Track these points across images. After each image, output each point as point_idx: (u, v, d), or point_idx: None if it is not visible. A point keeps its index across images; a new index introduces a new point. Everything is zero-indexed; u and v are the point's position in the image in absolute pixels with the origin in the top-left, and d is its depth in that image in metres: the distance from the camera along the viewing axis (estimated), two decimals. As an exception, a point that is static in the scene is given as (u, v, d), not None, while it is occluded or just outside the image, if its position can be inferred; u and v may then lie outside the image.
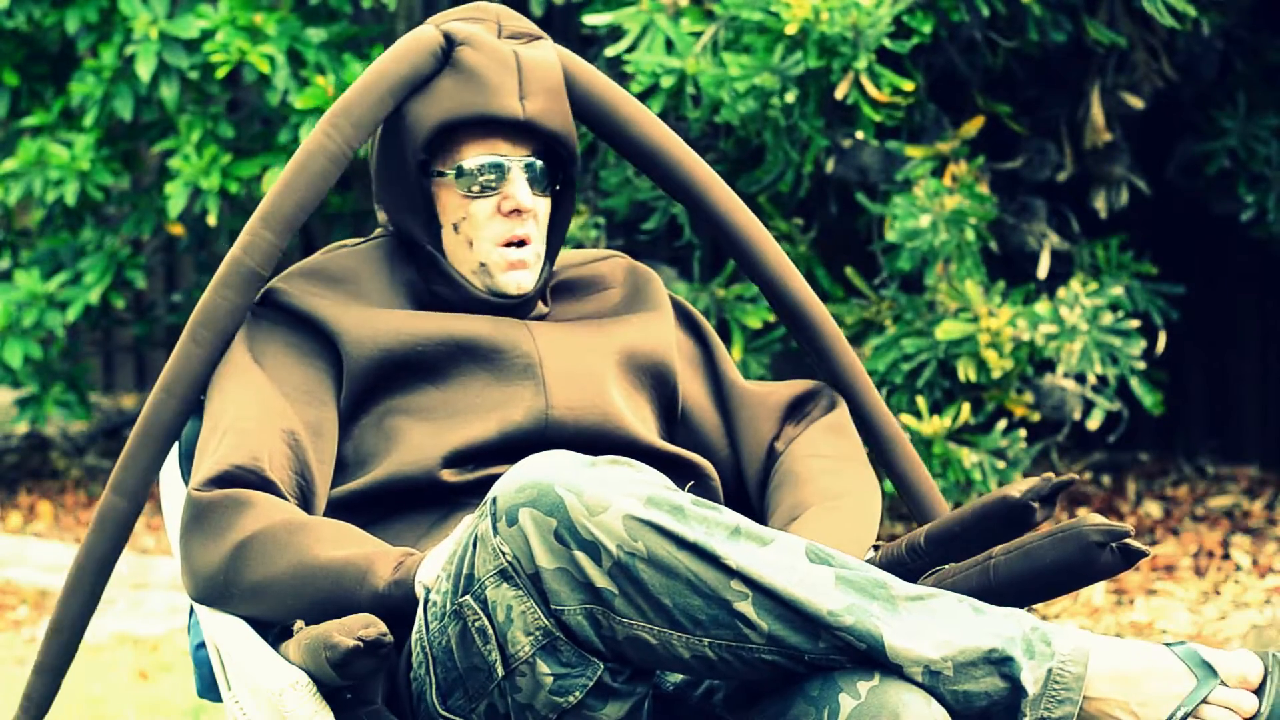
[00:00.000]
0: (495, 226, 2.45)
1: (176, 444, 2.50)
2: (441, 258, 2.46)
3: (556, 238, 2.52)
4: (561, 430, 2.41)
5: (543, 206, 2.47)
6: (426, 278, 2.47)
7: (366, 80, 2.44)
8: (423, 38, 2.45)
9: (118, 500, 2.43)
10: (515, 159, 2.44)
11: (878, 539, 2.48)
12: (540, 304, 2.52)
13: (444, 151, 2.45)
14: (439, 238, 2.46)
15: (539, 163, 2.46)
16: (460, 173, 2.44)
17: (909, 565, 2.33)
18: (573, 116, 2.50)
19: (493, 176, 2.43)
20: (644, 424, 2.48)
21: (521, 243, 2.45)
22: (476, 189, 2.44)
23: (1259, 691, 2.10)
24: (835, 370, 2.63)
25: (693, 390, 2.57)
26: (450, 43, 2.44)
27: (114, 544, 2.45)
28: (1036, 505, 2.28)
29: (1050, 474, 2.32)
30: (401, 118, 2.44)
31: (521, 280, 2.46)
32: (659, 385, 2.53)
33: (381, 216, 2.53)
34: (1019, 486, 2.28)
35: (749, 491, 2.54)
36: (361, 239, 2.54)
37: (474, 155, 2.44)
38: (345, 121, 2.43)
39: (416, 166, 2.44)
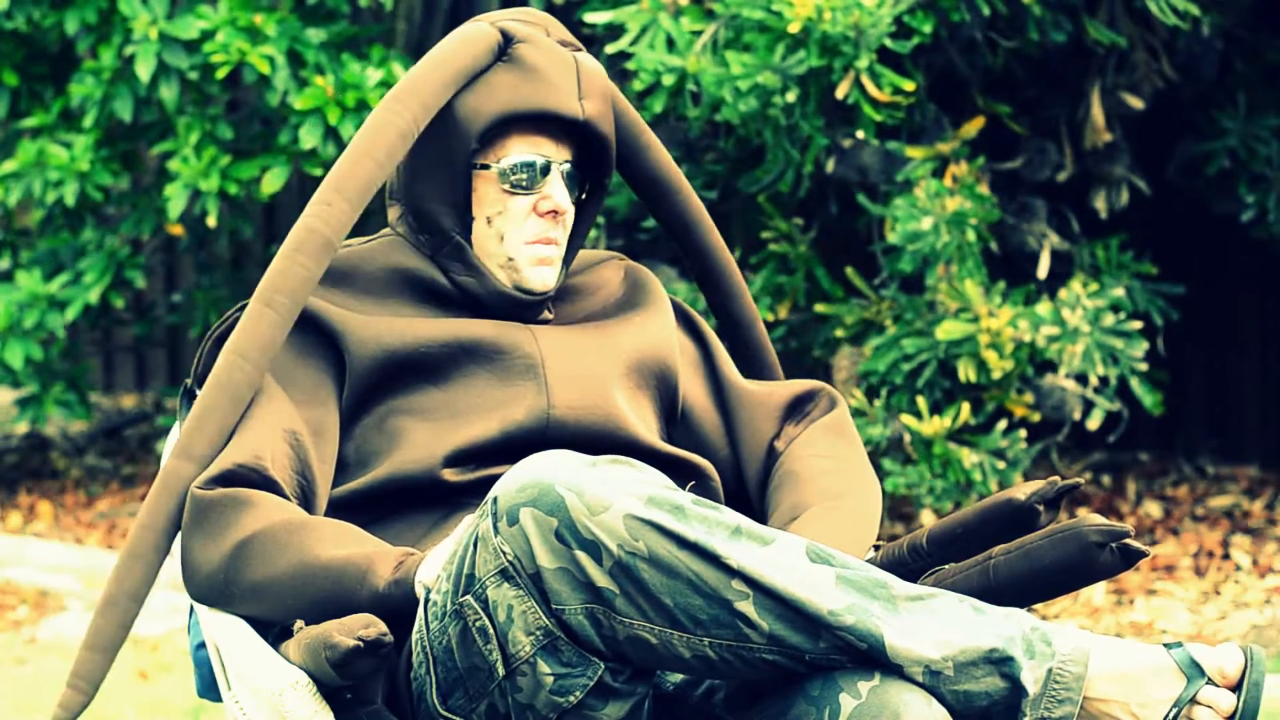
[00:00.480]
0: (531, 224, 2.46)
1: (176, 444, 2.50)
2: (469, 248, 2.47)
3: (575, 243, 2.53)
4: (563, 430, 2.41)
5: (572, 211, 2.49)
6: (447, 269, 2.47)
7: (429, 65, 2.43)
8: (482, 31, 2.45)
9: (185, 465, 2.32)
10: (558, 160, 2.46)
11: (878, 539, 2.48)
12: (546, 310, 2.52)
13: (489, 145, 2.46)
14: (469, 229, 2.47)
15: (575, 168, 2.48)
16: (506, 167, 2.44)
17: (910, 565, 2.33)
18: None
19: (536, 175, 2.45)
20: (645, 425, 2.48)
21: (551, 243, 2.47)
22: (520, 185, 2.45)
23: (1238, 687, 2.10)
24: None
25: (693, 390, 2.57)
26: (508, 39, 2.45)
27: (178, 510, 2.32)
28: (1041, 508, 2.28)
29: (1055, 477, 2.31)
30: (450, 108, 2.44)
31: (546, 277, 2.48)
32: (660, 386, 2.53)
33: (392, 214, 2.53)
34: (1024, 489, 2.28)
35: (749, 491, 2.54)
36: (365, 238, 2.54)
37: (520, 152, 2.45)
38: (414, 100, 2.41)
39: (467, 156, 2.44)
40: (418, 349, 2.41)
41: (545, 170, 2.45)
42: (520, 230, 2.46)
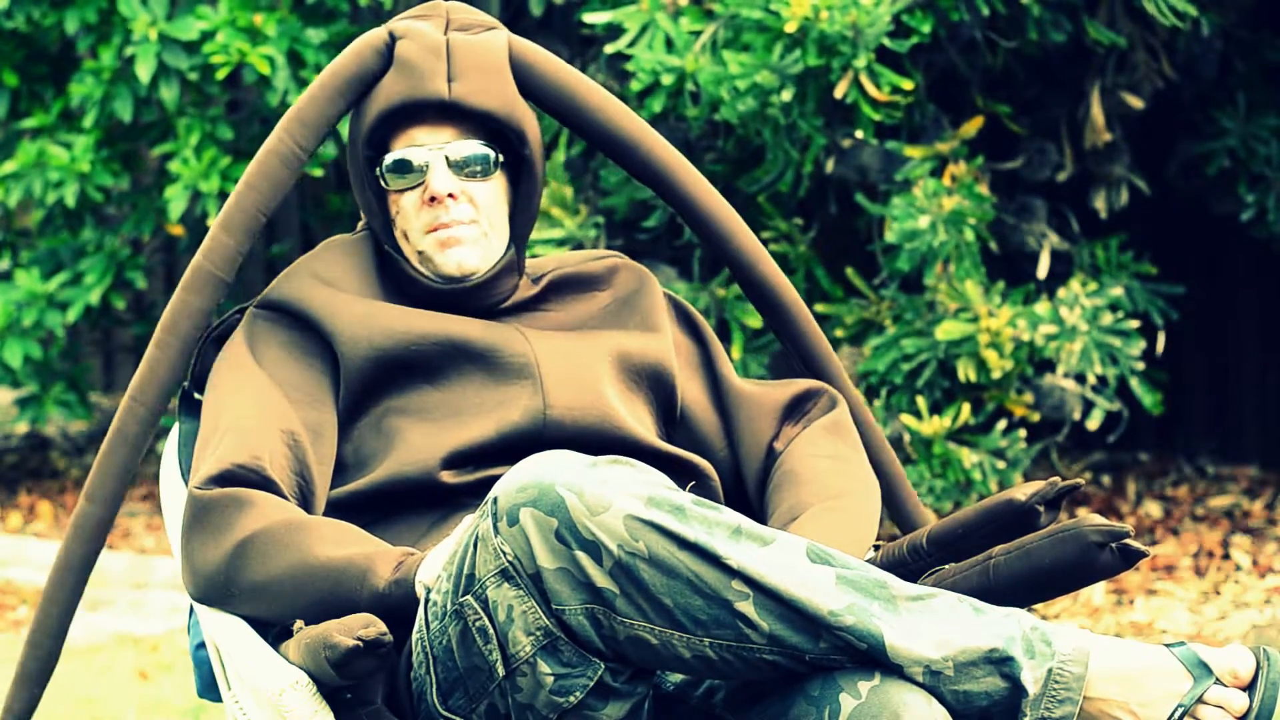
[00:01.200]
0: (422, 216, 2.46)
1: (176, 443, 2.51)
2: (398, 255, 2.47)
3: (521, 219, 2.51)
4: (560, 430, 2.41)
5: (481, 189, 2.46)
6: (394, 276, 2.48)
7: (317, 83, 2.47)
8: (370, 37, 2.47)
9: (91, 507, 2.46)
10: (435, 146, 2.44)
11: (878, 539, 2.48)
12: (524, 287, 2.51)
13: (382, 151, 2.47)
14: (393, 235, 2.48)
15: (472, 146, 2.45)
16: (387, 168, 2.45)
17: (910, 565, 2.33)
18: (534, 103, 2.50)
19: (412, 169, 2.44)
20: (641, 424, 2.47)
21: (450, 224, 2.45)
22: (404, 182, 2.45)
23: (1251, 687, 2.10)
24: (808, 356, 2.64)
25: (691, 390, 2.57)
26: (393, 39, 2.45)
27: (90, 550, 2.47)
28: (1041, 509, 2.28)
29: (1056, 478, 2.31)
30: (355, 119, 2.47)
31: (462, 259, 2.46)
32: (656, 386, 2.52)
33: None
34: (1024, 490, 2.28)
35: (748, 491, 2.54)
36: (350, 234, 2.55)
37: (397, 149, 2.45)
38: (296, 123, 2.46)
39: (364, 165, 2.46)
40: (409, 347, 2.41)
41: (420, 160, 2.44)
42: (416, 224, 2.46)
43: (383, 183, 2.46)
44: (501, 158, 2.48)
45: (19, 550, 5.37)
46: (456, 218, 2.44)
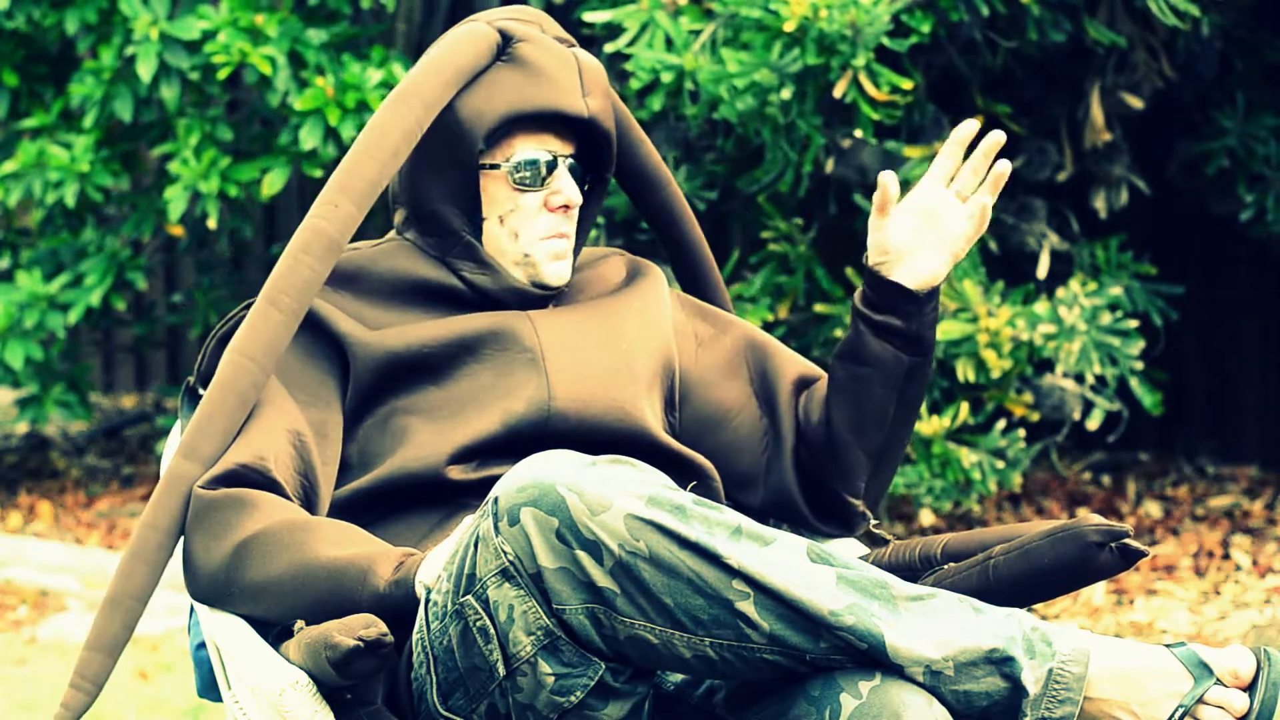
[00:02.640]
0: (543, 220, 2.47)
1: (177, 444, 2.50)
2: (480, 247, 2.47)
3: (581, 237, 2.55)
4: (564, 422, 2.41)
5: (579, 203, 2.50)
6: (458, 269, 2.48)
7: (430, 65, 2.43)
8: (480, 31, 2.46)
9: (189, 465, 2.31)
10: (564, 155, 2.47)
11: (890, 536, 2.49)
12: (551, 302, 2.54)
13: (495, 144, 2.46)
14: (479, 229, 2.47)
15: (577, 163, 2.50)
16: (515, 166, 2.45)
17: (919, 571, 2.34)
18: None
19: (543, 172, 2.46)
20: (647, 414, 2.48)
21: (564, 236, 2.48)
22: (526, 182, 2.45)
23: (1251, 687, 2.10)
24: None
25: (706, 359, 2.57)
26: (506, 39, 2.45)
27: (184, 510, 2.32)
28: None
29: (1079, 518, 2.29)
30: (452, 109, 2.44)
31: (562, 271, 2.50)
32: (661, 375, 2.53)
33: (398, 218, 2.53)
34: (1043, 526, 2.28)
35: (780, 426, 2.54)
36: (372, 242, 2.54)
37: (526, 150, 2.46)
38: (417, 101, 2.41)
39: (474, 156, 2.44)
40: (421, 350, 2.41)
41: (552, 166, 2.46)
42: (534, 226, 2.47)
43: (509, 177, 2.45)
44: (590, 177, 2.53)
45: (19, 550, 5.37)
46: (570, 229, 2.49)
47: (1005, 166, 2.43)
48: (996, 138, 2.44)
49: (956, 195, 2.46)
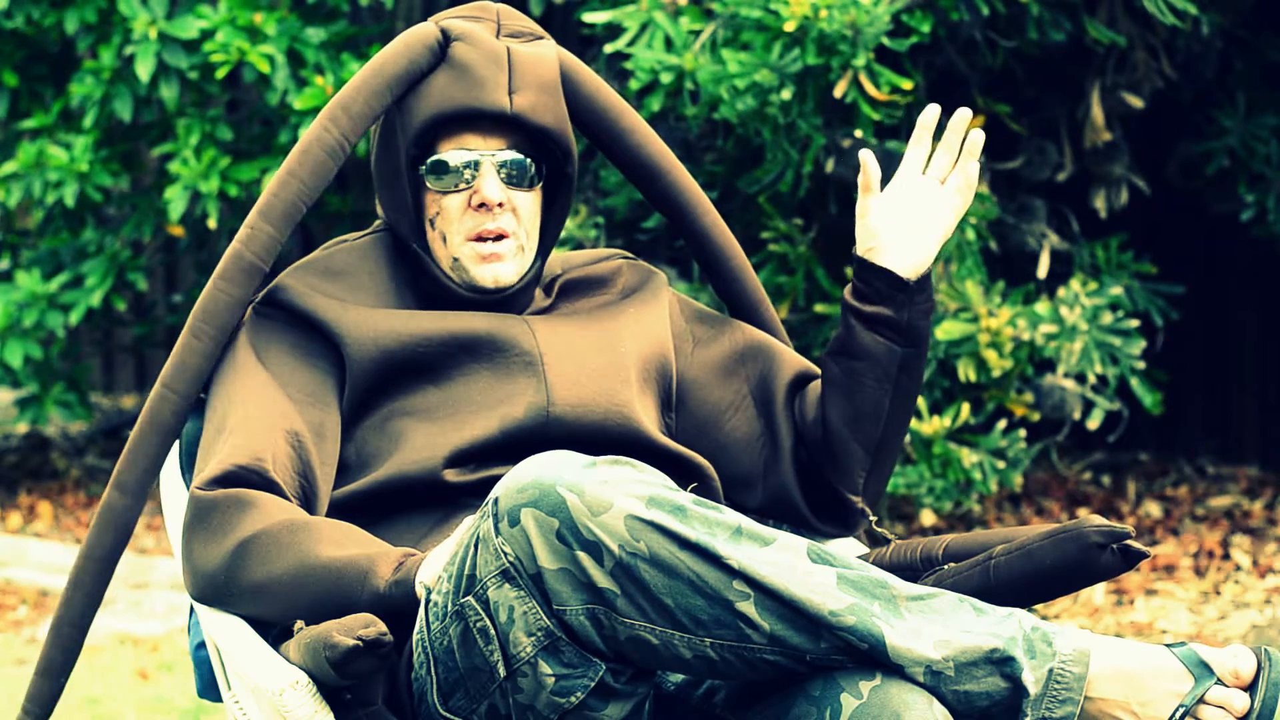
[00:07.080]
0: (466, 221, 2.45)
1: (177, 443, 2.50)
2: (426, 256, 2.47)
3: (550, 233, 2.52)
4: (563, 426, 2.41)
5: (524, 200, 2.47)
6: (415, 277, 2.48)
7: (364, 74, 2.44)
8: (420, 33, 2.45)
9: (119, 497, 2.41)
10: (487, 153, 2.44)
11: (890, 536, 2.49)
12: (539, 298, 2.52)
13: (427, 149, 2.45)
14: (424, 236, 2.47)
15: (520, 157, 2.46)
16: (432, 168, 2.44)
17: (919, 571, 2.34)
18: (571, 120, 2.50)
19: (461, 173, 2.44)
20: (644, 418, 2.47)
21: (498, 237, 2.45)
22: (449, 184, 2.44)
23: (1252, 687, 2.10)
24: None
25: (702, 360, 2.56)
26: (446, 39, 2.44)
27: (116, 541, 2.43)
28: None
29: (1080, 519, 2.30)
30: (399, 114, 2.44)
31: (499, 273, 2.46)
32: (659, 376, 2.53)
33: (380, 211, 2.54)
34: (1042, 527, 2.28)
35: (776, 419, 2.53)
36: (360, 233, 2.54)
37: (446, 151, 2.44)
38: (342, 115, 2.43)
39: (407, 163, 2.44)
40: (416, 349, 2.41)
41: (473, 165, 2.44)
42: (458, 228, 2.45)
43: (428, 181, 2.45)
44: (544, 171, 2.49)
45: (19, 550, 5.37)
46: (500, 227, 2.45)
47: (979, 136, 2.43)
48: (963, 114, 2.44)
49: (937, 180, 2.46)
